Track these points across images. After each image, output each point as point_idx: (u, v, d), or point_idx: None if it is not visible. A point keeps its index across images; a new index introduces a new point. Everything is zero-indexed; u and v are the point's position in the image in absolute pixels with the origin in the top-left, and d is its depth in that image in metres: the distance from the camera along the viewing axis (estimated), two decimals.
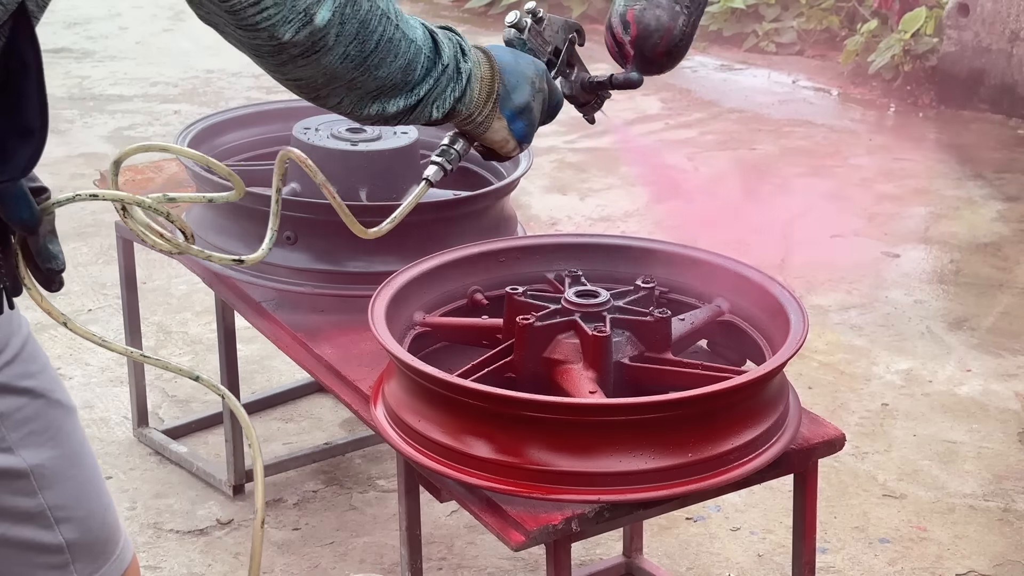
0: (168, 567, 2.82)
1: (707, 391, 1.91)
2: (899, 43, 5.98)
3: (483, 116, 1.90)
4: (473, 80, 1.86)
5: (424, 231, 2.45)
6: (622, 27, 2.21)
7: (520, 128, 1.95)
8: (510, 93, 1.92)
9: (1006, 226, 4.62)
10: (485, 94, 1.89)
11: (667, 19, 2.18)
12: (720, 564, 2.84)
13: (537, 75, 1.97)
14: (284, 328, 2.47)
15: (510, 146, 1.97)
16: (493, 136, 1.94)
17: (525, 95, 1.94)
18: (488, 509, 1.91)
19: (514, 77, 1.93)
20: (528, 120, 1.96)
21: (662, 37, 2.18)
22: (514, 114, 1.93)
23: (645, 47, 2.21)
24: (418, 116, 1.82)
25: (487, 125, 1.92)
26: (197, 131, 2.81)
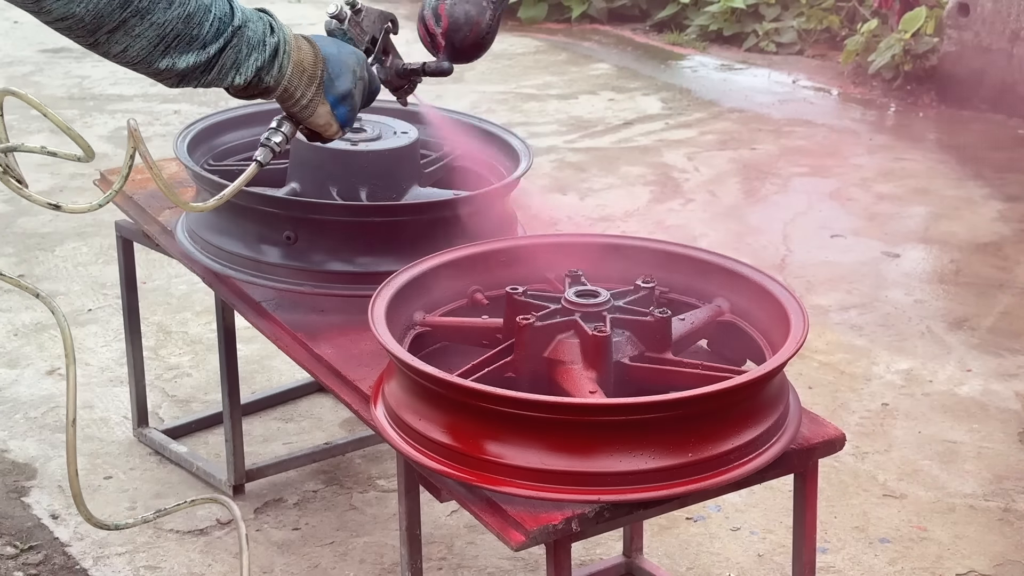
0: (168, 567, 2.82)
1: (707, 391, 1.91)
2: (899, 43, 5.98)
3: (307, 100, 2.07)
4: (283, 56, 2.00)
5: (424, 231, 2.45)
6: (434, 19, 2.39)
7: (343, 113, 2.12)
8: (334, 80, 2.09)
9: (1006, 226, 4.62)
10: (307, 79, 2.05)
11: (475, 13, 2.36)
12: (720, 564, 2.84)
13: (358, 64, 2.14)
14: (284, 328, 2.47)
15: (332, 129, 2.13)
16: (317, 120, 2.11)
17: (348, 83, 2.10)
18: (488, 509, 1.91)
19: (337, 66, 2.09)
20: (350, 106, 2.12)
21: (471, 30, 2.37)
22: (337, 100, 2.10)
23: (455, 39, 2.39)
24: (218, 78, 1.95)
25: (312, 109, 2.09)
26: (197, 131, 2.81)
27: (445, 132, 2.79)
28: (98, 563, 2.82)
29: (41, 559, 2.84)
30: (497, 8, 2.38)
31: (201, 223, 2.64)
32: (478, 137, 2.81)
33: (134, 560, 2.83)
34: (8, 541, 2.89)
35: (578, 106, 5.96)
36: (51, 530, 2.92)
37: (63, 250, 4.35)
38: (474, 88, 6.17)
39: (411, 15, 8.04)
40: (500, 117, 5.58)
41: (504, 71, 6.47)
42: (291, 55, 2.02)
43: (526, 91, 6.14)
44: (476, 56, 2.44)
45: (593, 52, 6.86)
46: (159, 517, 2.19)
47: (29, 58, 6.58)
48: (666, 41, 7.07)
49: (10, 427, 3.33)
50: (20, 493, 3.06)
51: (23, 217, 4.58)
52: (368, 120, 2.68)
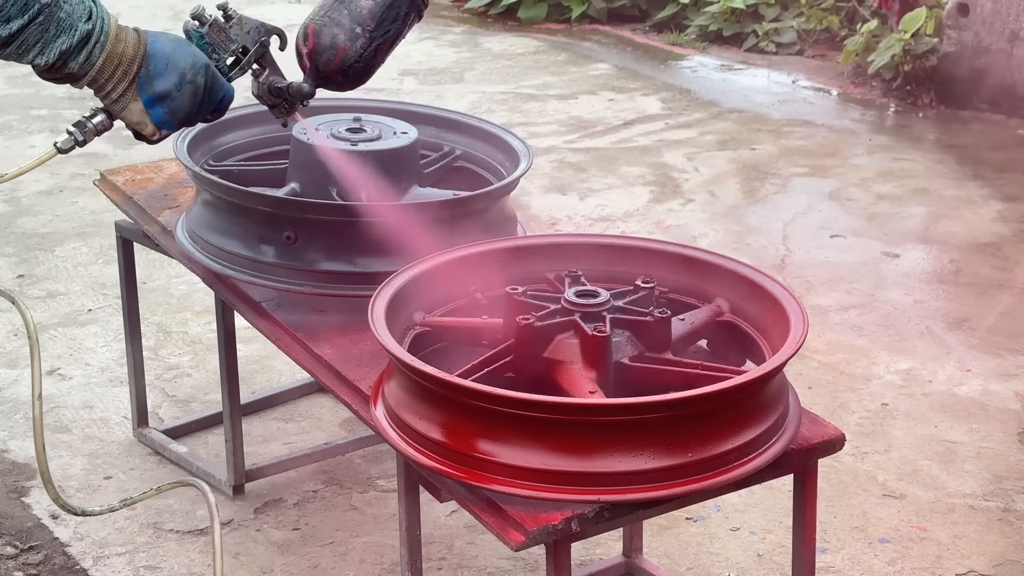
0: (168, 567, 2.82)
1: (707, 391, 1.91)
2: (899, 43, 5.98)
3: (118, 93, 2.02)
4: (94, 45, 1.96)
5: (424, 231, 2.45)
6: (303, 38, 2.32)
7: (159, 115, 2.05)
8: (153, 79, 2.03)
9: (1006, 226, 4.62)
10: (121, 72, 2.00)
11: (344, 39, 2.28)
12: (720, 564, 2.84)
13: (192, 68, 2.06)
14: (284, 328, 2.47)
15: (148, 129, 2.07)
16: (129, 116, 2.05)
17: (169, 83, 2.04)
18: (488, 509, 1.91)
19: (163, 64, 2.03)
20: (169, 108, 2.05)
21: (335, 55, 2.29)
22: (152, 99, 2.04)
23: (319, 62, 2.32)
24: (17, 53, 1.92)
25: (123, 104, 2.04)
26: (197, 131, 2.81)
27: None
28: (98, 563, 2.82)
29: (41, 559, 2.84)
30: (374, 40, 2.30)
31: (201, 223, 2.64)
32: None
33: (134, 560, 2.83)
34: (8, 541, 2.89)
35: (578, 106, 5.96)
36: (51, 530, 2.92)
37: (63, 250, 4.35)
38: (474, 88, 6.17)
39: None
40: (500, 117, 5.58)
41: (504, 71, 6.47)
42: (106, 45, 1.98)
43: (526, 91, 6.14)
44: (347, 86, 2.36)
45: (593, 52, 6.86)
46: (126, 506, 2.19)
47: None
48: (666, 41, 7.07)
49: (10, 427, 3.33)
50: (20, 493, 3.06)
51: (23, 217, 4.58)
52: (368, 120, 2.69)
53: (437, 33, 7.16)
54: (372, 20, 2.31)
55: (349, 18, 2.30)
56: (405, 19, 2.36)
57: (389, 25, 2.33)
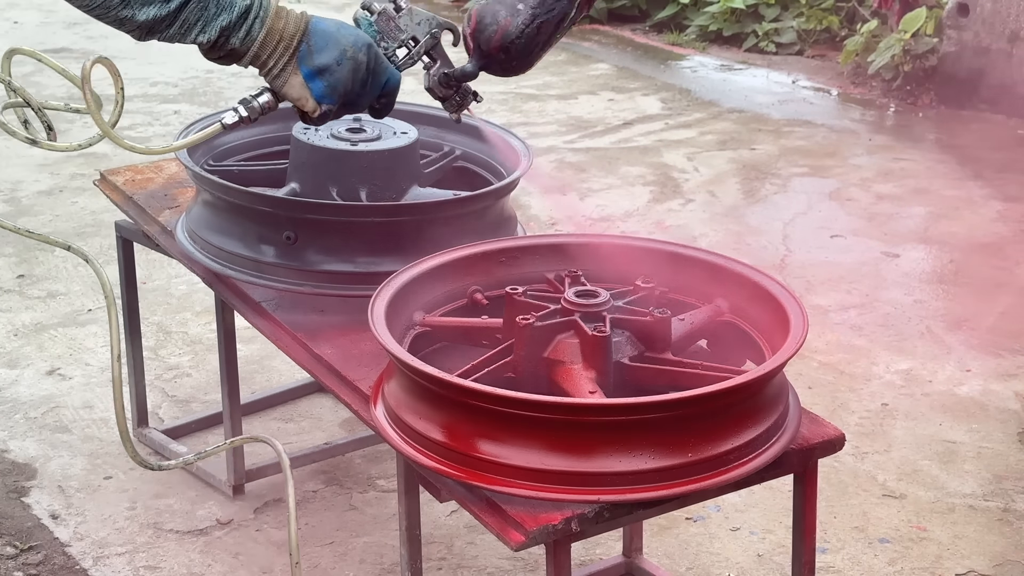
0: (168, 567, 2.82)
1: (707, 391, 1.91)
2: (899, 43, 5.98)
3: (279, 68, 2.05)
4: (253, 20, 1.99)
5: (424, 231, 2.45)
6: (466, 20, 2.30)
7: (319, 88, 2.07)
8: (313, 52, 2.05)
9: (1006, 226, 4.62)
10: (281, 47, 2.03)
11: (504, 15, 2.25)
12: (720, 564, 2.84)
13: (354, 45, 2.09)
14: (284, 328, 2.47)
15: (309, 105, 2.09)
16: (290, 91, 2.07)
17: (329, 57, 2.06)
18: (488, 509, 1.91)
19: (324, 40, 2.06)
20: (329, 82, 2.07)
21: (496, 31, 2.25)
22: (312, 72, 2.06)
23: (480, 40, 2.28)
24: (180, 33, 1.96)
25: (284, 79, 2.06)
26: (197, 131, 2.81)
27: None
28: (98, 563, 2.82)
29: (41, 559, 2.84)
30: (537, 16, 2.25)
31: (201, 223, 2.64)
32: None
33: (134, 560, 2.83)
34: (8, 541, 2.89)
35: (578, 106, 5.96)
36: (51, 530, 2.92)
37: (63, 250, 4.35)
38: (474, 88, 6.17)
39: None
40: (500, 117, 5.58)
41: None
42: (266, 21, 2.01)
43: (526, 91, 6.14)
44: (510, 66, 2.31)
45: (593, 52, 6.86)
46: (200, 459, 2.18)
47: (29, 58, 6.57)
48: (666, 41, 7.07)
49: (10, 427, 3.33)
50: (20, 493, 3.06)
51: (23, 217, 4.58)
52: (368, 120, 2.68)
53: None
54: None
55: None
56: (572, 0, 2.29)
57: (554, 3, 2.27)
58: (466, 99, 2.36)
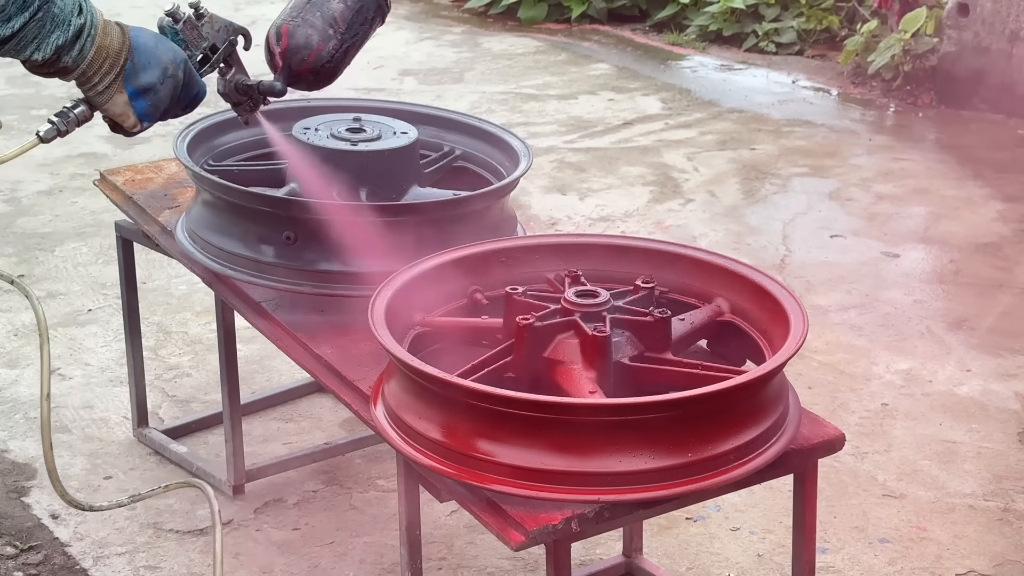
0: (168, 567, 2.82)
1: (707, 391, 1.91)
2: (899, 43, 5.98)
3: (104, 85, 2.05)
4: (86, 39, 1.99)
5: (424, 231, 2.45)
6: (275, 38, 2.38)
7: (142, 106, 2.10)
8: (138, 72, 2.07)
9: (1006, 226, 4.62)
10: (108, 64, 2.03)
11: (317, 40, 2.36)
12: (720, 564, 2.84)
13: (173, 62, 2.11)
14: (284, 328, 2.47)
15: (130, 121, 2.11)
16: (113, 108, 2.09)
17: (153, 76, 2.08)
18: (488, 509, 1.91)
19: (146, 57, 2.07)
20: (152, 101, 2.10)
21: (309, 55, 2.36)
22: (137, 91, 2.08)
23: (292, 61, 2.38)
24: (15, 50, 1.95)
25: (108, 96, 2.07)
26: (197, 131, 2.81)
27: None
28: (98, 563, 2.82)
29: (41, 559, 2.84)
30: (345, 41, 2.37)
31: (201, 223, 2.64)
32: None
33: (134, 560, 2.83)
34: (8, 541, 2.89)
35: (578, 106, 5.96)
36: (51, 530, 2.92)
37: (63, 250, 4.35)
38: (474, 88, 6.17)
39: (411, 16, 7.97)
40: (500, 117, 5.58)
41: (504, 71, 6.47)
42: (96, 38, 2.01)
43: (526, 91, 6.14)
44: (317, 85, 2.43)
45: (593, 52, 6.86)
46: (133, 502, 2.22)
47: None
48: (666, 41, 7.07)
49: (10, 427, 3.33)
50: (20, 493, 3.06)
51: (23, 217, 4.59)
52: (368, 120, 2.69)
53: (437, 33, 7.16)
54: (343, 22, 2.39)
55: (321, 20, 2.37)
56: (372, 23, 2.44)
57: (358, 28, 2.40)
58: (257, 103, 2.42)
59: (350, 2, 2.40)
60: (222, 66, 2.34)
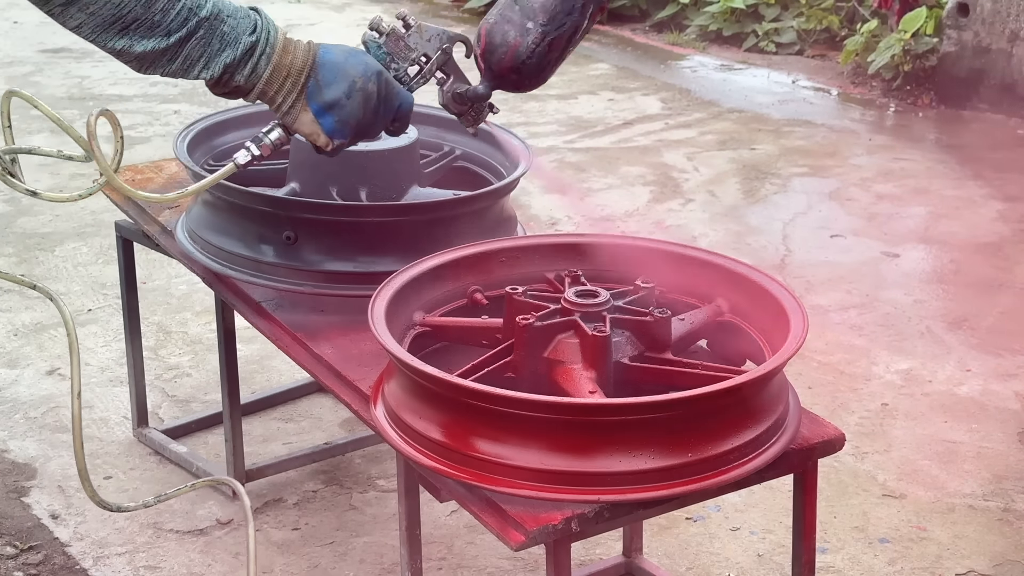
0: (168, 567, 2.82)
1: (707, 391, 1.91)
2: (899, 43, 5.99)
3: (288, 105, 2.03)
4: (259, 57, 1.97)
5: (424, 231, 2.45)
6: (476, 40, 2.27)
7: (329, 123, 2.05)
8: (322, 88, 2.03)
9: (1006, 226, 4.62)
10: (290, 83, 2.00)
11: (514, 35, 2.22)
12: (720, 564, 2.84)
13: (364, 76, 2.06)
14: (284, 328, 2.47)
15: (321, 140, 2.08)
16: (301, 127, 2.06)
17: (338, 91, 2.04)
18: (488, 509, 1.91)
19: (332, 73, 2.03)
20: (340, 117, 2.05)
21: (506, 53, 2.23)
22: (322, 108, 2.04)
23: (491, 61, 2.26)
24: (182, 69, 1.94)
25: (293, 116, 2.05)
26: (197, 131, 2.81)
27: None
28: (98, 563, 2.82)
29: (41, 559, 2.84)
30: (547, 33, 2.22)
31: (201, 223, 2.64)
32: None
33: (134, 560, 2.83)
34: (8, 541, 2.89)
35: (578, 106, 5.96)
36: (51, 530, 2.92)
37: (63, 250, 4.35)
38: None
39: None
40: (500, 117, 5.54)
41: None
42: (272, 57, 1.98)
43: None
44: (523, 85, 2.29)
45: (593, 52, 6.86)
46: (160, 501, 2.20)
47: (29, 58, 6.58)
48: (666, 41, 7.07)
49: (10, 427, 3.33)
50: (20, 493, 3.06)
51: (23, 217, 4.59)
52: None
53: None
54: (544, 14, 2.23)
55: (520, 14, 2.23)
56: (583, 11, 2.26)
57: (564, 18, 2.24)
58: (482, 112, 2.33)
59: None
60: (440, 76, 2.26)
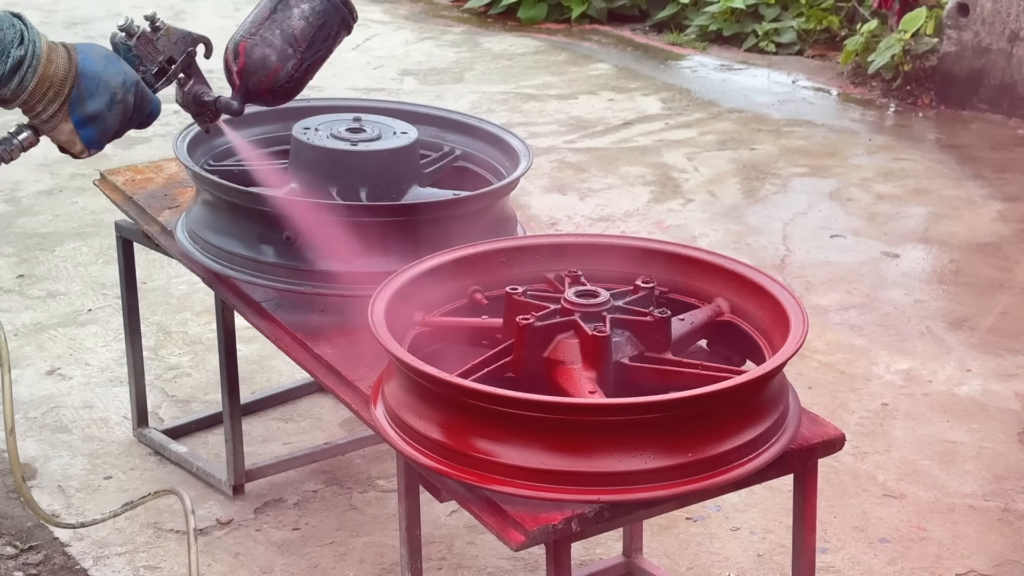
0: (168, 567, 2.82)
1: (707, 391, 1.91)
2: (899, 43, 5.99)
3: (48, 114, 2.00)
4: (26, 70, 1.94)
5: (424, 231, 2.45)
6: (233, 55, 2.30)
7: (89, 135, 2.04)
8: (84, 100, 2.01)
9: (1006, 226, 4.62)
10: (52, 93, 1.98)
11: (275, 60, 2.27)
12: (720, 564, 2.84)
13: (123, 87, 2.05)
14: (284, 328, 2.47)
15: (77, 148, 2.05)
16: (59, 136, 2.03)
17: (100, 104, 2.02)
18: (488, 509, 1.91)
19: (94, 84, 2.01)
20: (99, 129, 2.04)
21: (266, 76, 2.28)
22: (83, 119, 2.02)
23: (250, 81, 2.30)
24: None
25: (53, 124, 2.02)
26: (197, 131, 2.81)
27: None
28: (98, 563, 2.82)
29: (41, 559, 2.84)
30: (306, 60, 2.29)
31: (201, 223, 2.64)
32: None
33: (134, 560, 2.83)
34: (8, 541, 2.89)
35: (578, 106, 5.96)
36: (51, 530, 2.92)
37: (63, 250, 4.35)
38: (474, 88, 6.17)
39: (410, 16, 7.95)
40: (500, 117, 5.58)
41: (504, 71, 6.47)
42: (38, 69, 1.96)
43: (526, 91, 6.14)
44: (277, 101, 2.36)
45: (593, 52, 6.86)
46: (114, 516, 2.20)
47: None
48: (666, 41, 7.07)
49: None
50: (20, 493, 3.06)
51: (23, 217, 4.59)
52: (368, 120, 2.68)
53: (437, 33, 7.16)
54: (304, 41, 2.30)
55: (281, 38, 2.28)
56: (336, 37, 2.35)
57: (320, 45, 2.32)
58: (217, 115, 2.36)
59: (312, 19, 2.31)
60: (181, 77, 2.27)
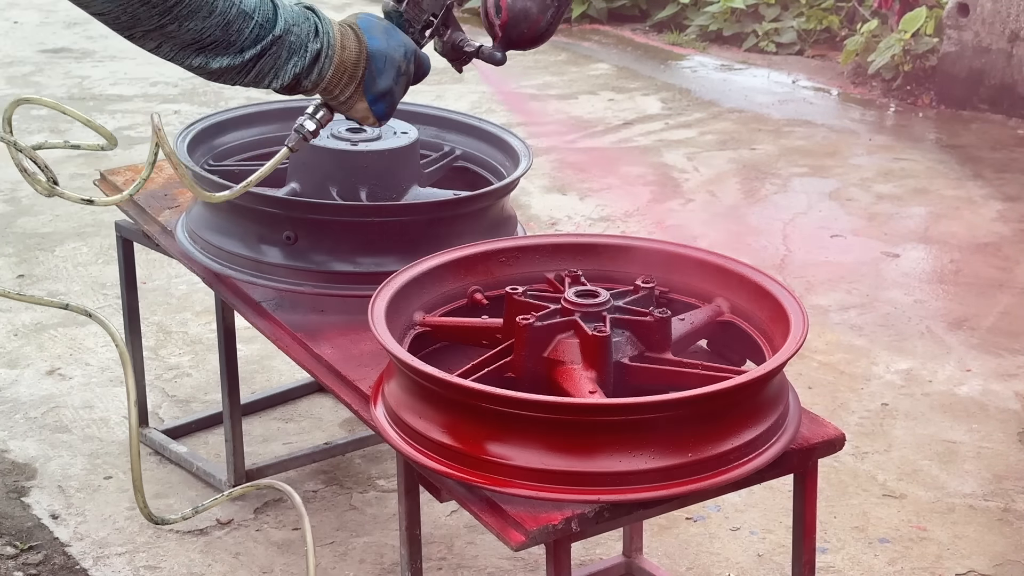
0: (168, 567, 2.82)
1: (707, 391, 1.91)
2: (899, 43, 5.99)
3: (345, 96, 2.11)
4: (324, 61, 2.04)
5: (424, 231, 2.46)
6: (495, 10, 2.39)
7: (381, 109, 2.15)
8: (375, 78, 2.11)
9: (1006, 226, 4.62)
10: (347, 78, 2.08)
11: (536, 11, 2.37)
12: (720, 564, 2.84)
13: (404, 58, 2.15)
14: (284, 328, 2.47)
15: (370, 121, 2.17)
16: (354, 114, 2.15)
17: (388, 80, 2.12)
18: (488, 509, 1.91)
19: (382, 62, 2.11)
20: (389, 102, 2.15)
21: (529, 27, 2.38)
22: (376, 97, 2.13)
23: (513, 33, 2.40)
24: (255, 81, 2.00)
25: (350, 105, 2.12)
26: (197, 131, 2.81)
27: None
28: (98, 563, 2.82)
29: (41, 559, 2.84)
30: (562, 7, 2.39)
31: (201, 223, 2.64)
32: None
33: (134, 560, 2.83)
34: (8, 541, 2.89)
35: (578, 106, 5.96)
36: (51, 530, 2.92)
37: (63, 250, 4.35)
38: (474, 88, 6.17)
39: None
40: (500, 117, 5.57)
41: (504, 71, 6.43)
42: (333, 59, 2.05)
43: (526, 91, 6.14)
44: (532, 47, 2.46)
45: (593, 52, 6.86)
46: (197, 513, 2.18)
47: (29, 58, 6.58)
48: (666, 41, 7.07)
49: (10, 427, 3.33)
50: (20, 493, 3.06)
51: (23, 217, 4.59)
52: None
53: None
54: None
55: None
56: None
57: None
58: (470, 59, 2.45)
59: None
60: (441, 28, 2.36)
